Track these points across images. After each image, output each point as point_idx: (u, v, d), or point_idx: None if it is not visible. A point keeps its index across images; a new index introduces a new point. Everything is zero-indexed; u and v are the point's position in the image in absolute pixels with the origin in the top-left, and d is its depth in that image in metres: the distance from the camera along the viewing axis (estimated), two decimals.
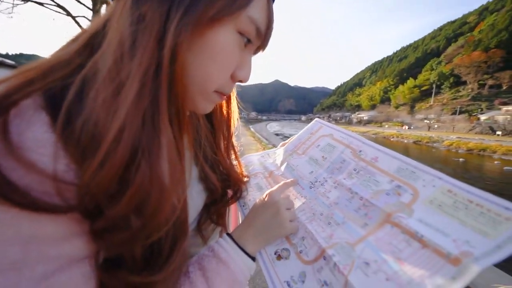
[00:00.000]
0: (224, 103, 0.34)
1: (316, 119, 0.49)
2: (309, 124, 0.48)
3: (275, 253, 0.31)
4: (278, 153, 0.48)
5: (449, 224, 0.23)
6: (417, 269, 0.22)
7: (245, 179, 0.39)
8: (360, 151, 0.36)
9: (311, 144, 0.43)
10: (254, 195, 0.39)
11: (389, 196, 0.29)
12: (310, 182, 0.37)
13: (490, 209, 0.22)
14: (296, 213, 0.34)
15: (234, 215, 0.46)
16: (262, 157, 0.50)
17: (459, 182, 0.26)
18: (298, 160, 0.42)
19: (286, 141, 0.50)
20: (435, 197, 0.26)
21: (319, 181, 0.37)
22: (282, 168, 0.43)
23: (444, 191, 0.26)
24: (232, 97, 0.34)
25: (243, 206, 0.39)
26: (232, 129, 0.35)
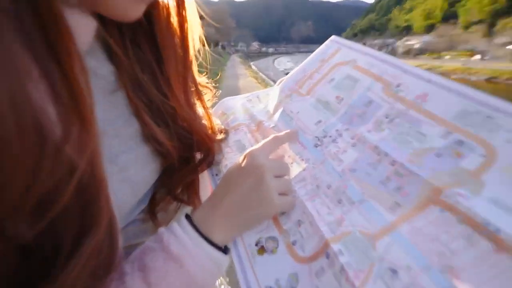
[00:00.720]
0: (174, 7, 0.28)
1: (333, 37, 0.42)
2: (321, 46, 0.42)
3: (256, 244, 0.27)
4: (272, 95, 0.43)
5: None
6: None
7: (220, 135, 0.36)
8: (399, 86, 0.30)
9: (321, 78, 0.38)
10: (233, 158, 0.35)
11: (440, 158, 0.23)
12: (316, 137, 0.33)
13: None
14: (292, 185, 0.30)
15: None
16: (249, 101, 0.46)
17: None
18: (300, 103, 0.38)
19: (286, 76, 0.45)
20: None
21: (330, 136, 0.32)
22: (276, 116, 0.39)
23: None
24: None
25: (217, 175, 0.36)
26: (192, 53, 0.31)
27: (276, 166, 0.29)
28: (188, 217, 0.26)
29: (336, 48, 0.40)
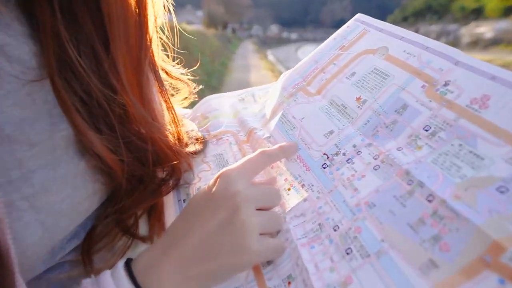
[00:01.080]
0: None
1: (358, 15, 0.39)
2: (341, 28, 0.39)
3: None
4: (272, 93, 0.41)
5: None
6: None
7: (192, 146, 0.34)
8: (447, 85, 0.27)
9: (338, 72, 0.35)
10: (209, 179, 0.32)
11: (505, 196, 0.20)
12: (325, 154, 0.31)
13: None
14: (287, 222, 0.28)
15: None
16: (241, 101, 0.44)
17: None
18: (306, 106, 0.35)
19: (292, 68, 0.42)
20: None
21: (344, 153, 0.30)
22: (272, 123, 0.37)
23: None
24: None
25: (184, 202, 0.33)
26: (152, 28, 0.27)
27: (259, 195, 0.27)
28: (128, 263, 0.23)
29: (361, 30, 0.37)
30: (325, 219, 0.27)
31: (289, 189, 0.31)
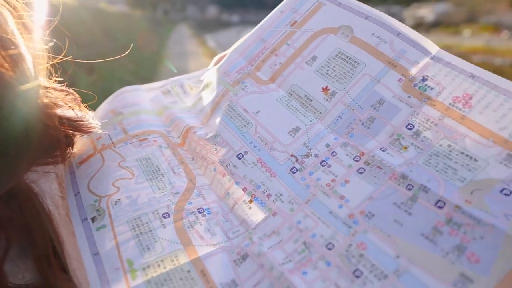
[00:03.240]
0: None
1: None
2: None
3: None
4: (209, 80, 0.36)
5: None
6: None
7: (85, 134, 0.30)
8: (425, 80, 0.27)
9: (295, 55, 0.32)
10: (136, 188, 0.29)
11: (509, 197, 0.21)
12: (293, 156, 0.28)
13: None
14: (256, 243, 0.25)
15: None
16: (166, 94, 0.39)
17: None
18: (260, 97, 0.32)
19: (223, 53, 0.38)
20: None
21: (317, 155, 0.28)
22: (217, 118, 0.33)
23: None
24: None
25: (94, 220, 0.27)
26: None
27: None
28: None
29: (314, 2, 0.34)
30: (311, 236, 0.24)
31: (250, 202, 0.28)
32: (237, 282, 0.24)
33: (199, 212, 0.28)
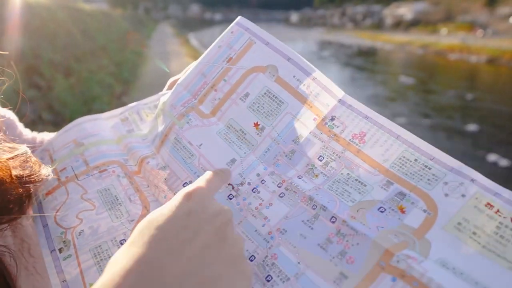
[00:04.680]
0: None
1: (239, 19, 0.41)
2: (225, 33, 0.41)
3: None
4: (161, 109, 0.41)
5: (493, 272, 0.24)
6: None
7: (45, 174, 0.32)
8: (333, 119, 0.34)
9: (231, 91, 0.38)
10: (98, 219, 0.33)
11: (385, 214, 0.28)
12: (230, 185, 0.34)
13: None
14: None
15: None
16: (124, 122, 0.43)
17: (504, 189, 0.27)
18: (202, 130, 0.37)
19: (178, 75, 0.43)
20: (466, 217, 0.26)
21: (249, 183, 0.34)
22: (164, 151, 0.37)
23: (481, 205, 0.26)
24: None
25: (60, 252, 0.31)
26: None
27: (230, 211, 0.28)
28: None
29: (246, 40, 0.39)
30: None
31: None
32: None
33: None
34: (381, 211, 0.28)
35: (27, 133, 0.44)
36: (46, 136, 0.46)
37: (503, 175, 5.50)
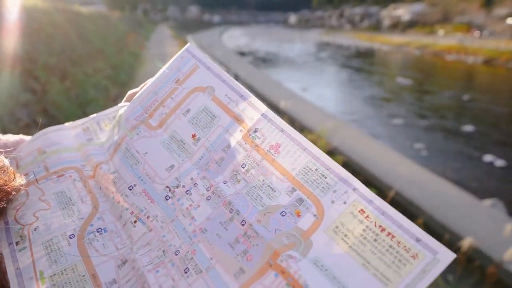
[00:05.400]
0: None
1: (188, 46, 0.48)
2: (175, 58, 0.47)
3: None
4: (117, 121, 0.47)
5: (350, 268, 0.29)
6: None
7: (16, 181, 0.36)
8: (256, 131, 0.39)
9: (176, 107, 0.44)
10: (51, 217, 0.38)
11: (284, 217, 0.33)
12: (167, 187, 0.39)
13: (400, 241, 0.29)
14: (134, 252, 0.36)
15: None
16: (85, 131, 0.48)
17: (377, 198, 0.32)
18: (149, 140, 0.43)
19: (137, 89, 0.49)
20: (343, 222, 0.31)
21: (183, 186, 0.39)
22: (117, 158, 0.43)
23: (356, 211, 0.32)
24: None
25: (17, 244, 0.36)
26: None
27: None
28: None
29: (193, 64, 0.45)
30: (168, 246, 0.35)
31: (135, 222, 0.38)
32: (117, 280, 0.34)
33: (98, 232, 0.38)
34: (282, 215, 0.33)
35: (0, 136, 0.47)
36: (16, 137, 0.49)
37: (498, 176, 5.52)
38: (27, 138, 0.48)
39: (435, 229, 3.39)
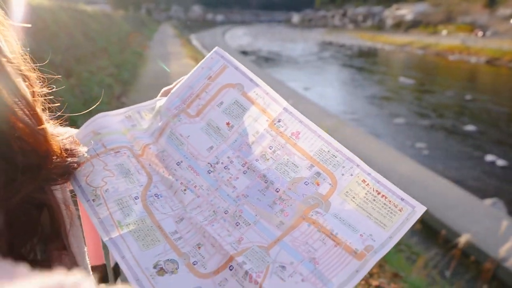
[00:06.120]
0: None
1: (217, 49, 0.56)
2: (206, 59, 0.55)
3: (154, 267, 0.39)
4: (157, 112, 0.55)
5: (359, 218, 0.42)
6: (328, 267, 0.39)
7: (77, 150, 0.41)
8: (280, 121, 0.50)
9: (210, 100, 0.53)
10: (115, 183, 0.46)
11: (307, 186, 0.45)
12: (209, 163, 0.49)
13: (390, 200, 0.42)
14: (188, 212, 0.45)
15: (90, 230, 0.50)
16: (128, 119, 0.56)
17: (373, 171, 0.45)
18: (190, 126, 0.52)
19: (170, 86, 0.56)
20: (351, 188, 0.44)
21: (222, 162, 0.48)
22: (163, 140, 0.51)
23: (359, 181, 0.44)
24: None
25: (93, 201, 0.44)
26: None
27: None
28: None
29: (222, 64, 0.54)
30: (217, 207, 0.45)
31: (185, 190, 0.47)
32: (178, 231, 0.43)
33: (155, 196, 0.47)
34: (306, 184, 0.45)
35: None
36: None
37: (499, 175, 5.52)
38: (73, 129, 0.53)
39: (435, 228, 3.40)
